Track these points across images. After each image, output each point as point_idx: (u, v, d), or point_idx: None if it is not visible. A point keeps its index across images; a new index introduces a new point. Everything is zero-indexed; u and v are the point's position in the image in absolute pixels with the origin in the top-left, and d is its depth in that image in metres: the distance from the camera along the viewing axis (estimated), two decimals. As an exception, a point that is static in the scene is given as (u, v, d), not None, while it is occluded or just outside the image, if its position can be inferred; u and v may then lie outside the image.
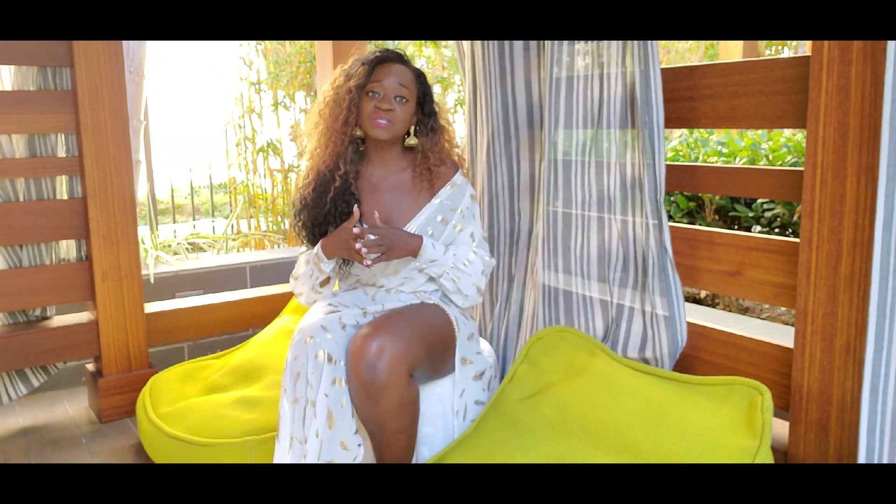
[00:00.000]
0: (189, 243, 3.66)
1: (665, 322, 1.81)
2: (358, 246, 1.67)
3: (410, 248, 1.74)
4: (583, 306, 2.02)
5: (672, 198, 3.68)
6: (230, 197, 4.82)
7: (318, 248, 1.78)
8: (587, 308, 2.01)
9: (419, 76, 1.81)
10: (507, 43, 2.14)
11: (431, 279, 1.84)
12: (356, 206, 1.74)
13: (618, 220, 1.89)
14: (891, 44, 1.37)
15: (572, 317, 2.05)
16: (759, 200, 3.41)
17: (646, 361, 1.87)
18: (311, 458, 1.58)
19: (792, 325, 1.70)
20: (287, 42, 4.68)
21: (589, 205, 1.96)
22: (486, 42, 2.18)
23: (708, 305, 3.73)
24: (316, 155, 1.82)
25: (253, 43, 4.66)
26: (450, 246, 1.82)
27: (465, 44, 2.31)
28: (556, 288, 2.07)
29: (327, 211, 1.79)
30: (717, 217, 3.61)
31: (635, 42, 1.76)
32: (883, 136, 1.40)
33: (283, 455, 1.63)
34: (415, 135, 1.83)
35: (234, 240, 4.05)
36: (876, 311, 1.44)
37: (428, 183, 1.82)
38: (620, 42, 1.79)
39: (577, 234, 2.00)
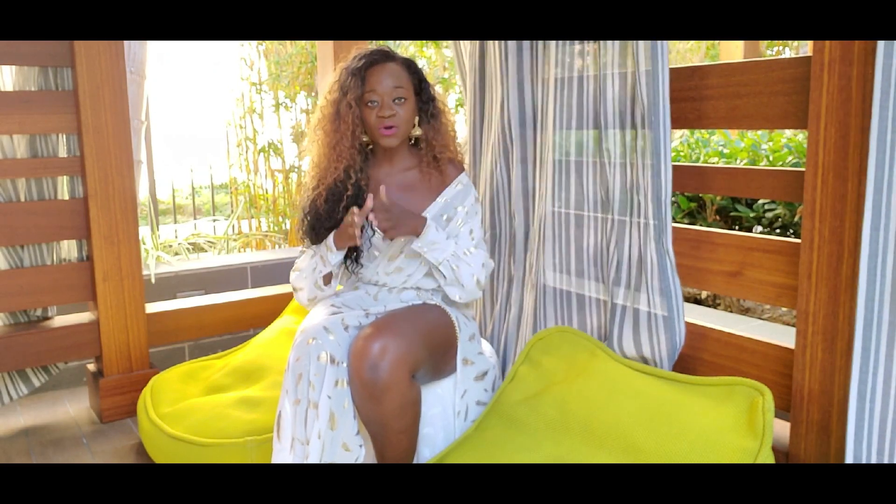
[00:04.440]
0: (190, 243, 3.66)
1: (664, 322, 1.81)
2: (363, 219, 1.66)
3: (414, 225, 1.73)
4: (583, 306, 2.02)
5: (673, 198, 3.69)
6: (231, 197, 4.82)
7: (330, 238, 1.77)
8: (587, 308, 2.01)
9: (409, 66, 1.80)
10: (506, 43, 2.14)
11: (431, 274, 1.83)
12: (370, 196, 1.70)
13: (620, 221, 1.89)
14: (880, 45, 1.37)
15: (573, 317, 2.05)
16: (761, 201, 3.40)
17: (644, 361, 1.87)
18: (313, 459, 1.58)
19: (793, 325, 1.69)
20: (288, 42, 4.68)
21: (592, 205, 1.96)
22: (490, 42, 2.18)
23: (709, 306, 3.73)
24: (323, 167, 1.81)
25: (254, 43, 4.66)
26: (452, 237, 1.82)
27: (468, 44, 2.31)
28: (557, 288, 2.07)
29: (340, 219, 1.78)
30: (718, 217, 3.61)
31: (642, 42, 1.75)
32: (872, 138, 1.40)
33: (284, 456, 1.63)
34: (418, 124, 1.83)
35: (235, 240, 4.05)
36: (863, 312, 1.44)
37: (437, 171, 1.82)
38: (624, 42, 1.79)
39: (580, 234, 2.00)
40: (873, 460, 1.46)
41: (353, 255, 1.83)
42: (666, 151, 1.77)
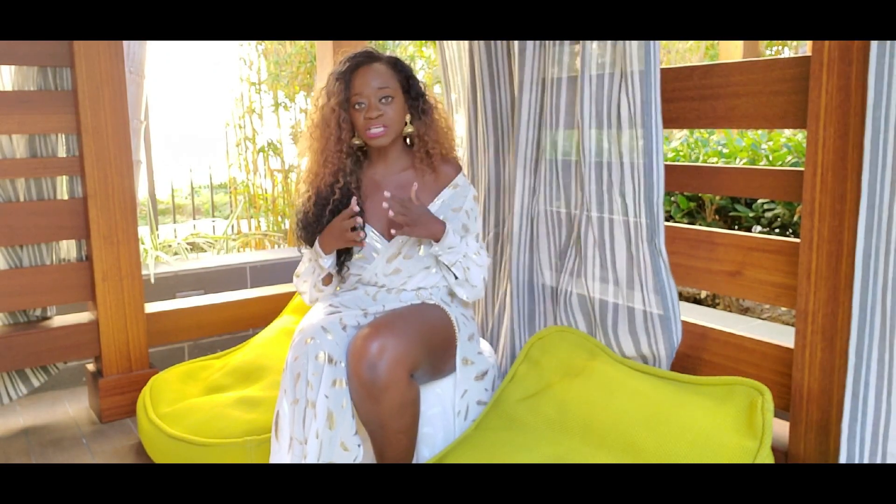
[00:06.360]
0: (189, 243, 3.66)
1: (660, 321, 1.81)
2: (386, 206, 1.66)
3: (434, 230, 1.73)
4: (581, 306, 2.02)
5: (672, 198, 3.68)
6: (230, 197, 4.82)
7: (316, 243, 1.79)
8: (585, 307, 2.01)
9: (395, 64, 1.80)
10: (501, 43, 2.14)
11: (431, 273, 1.83)
12: (354, 198, 1.74)
13: (615, 220, 1.90)
14: (873, 45, 1.37)
15: (571, 316, 2.05)
16: (760, 201, 3.40)
17: (644, 360, 1.87)
18: (311, 459, 1.58)
19: (792, 325, 1.70)
20: (287, 42, 4.68)
21: (588, 205, 1.96)
22: (488, 42, 2.18)
23: (708, 306, 3.73)
24: (313, 173, 1.84)
25: (253, 43, 4.66)
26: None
27: (466, 44, 2.31)
28: (554, 288, 2.07)
29: (327, 222, 1.80)
30: (717, 217, 3.61)
31: (635, 42, 1.76)
32: (866, 138, 1.40)
33: (282, 456, 1.63)
34: (410, 122, 1.83)
35: (234, 240, 4.05)
36: (858, 312, 1.45)
37: (431, 170, 1.83)
38: (621, 42, 1.79)
39: (575, 233, 2.00)
40: (866, 460, 1.47)
41: (342, 257, 1.84)
42: (658, 151, 1.77)
